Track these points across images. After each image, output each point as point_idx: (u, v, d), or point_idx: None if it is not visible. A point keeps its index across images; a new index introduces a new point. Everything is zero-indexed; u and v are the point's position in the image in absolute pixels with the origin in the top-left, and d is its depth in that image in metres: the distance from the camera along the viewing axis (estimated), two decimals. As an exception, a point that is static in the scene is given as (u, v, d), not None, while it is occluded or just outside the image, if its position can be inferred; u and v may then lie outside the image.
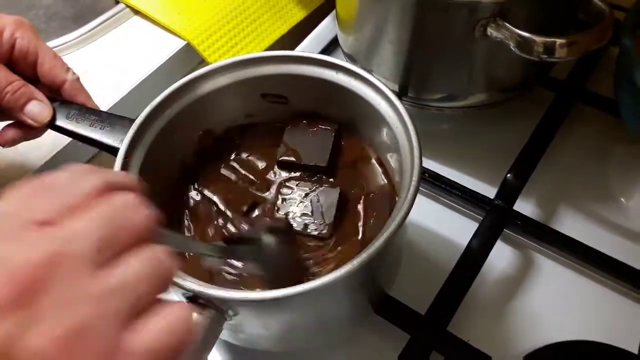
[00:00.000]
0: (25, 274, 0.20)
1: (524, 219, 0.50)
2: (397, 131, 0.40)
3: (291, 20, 0.73)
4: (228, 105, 0.47)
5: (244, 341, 0.42)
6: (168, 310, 0.23)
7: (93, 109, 0.46)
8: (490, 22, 0.44)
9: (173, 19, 0.67)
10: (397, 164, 0.41)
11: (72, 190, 0.24)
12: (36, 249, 0.21)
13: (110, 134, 0.43)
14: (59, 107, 0.45)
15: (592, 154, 0.56)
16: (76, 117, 0.45)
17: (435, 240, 0.51)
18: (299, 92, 0.46)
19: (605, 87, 0.57)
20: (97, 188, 0.24)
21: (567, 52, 0.43)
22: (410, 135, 0.39)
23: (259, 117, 0.49)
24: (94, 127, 0.44)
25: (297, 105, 0.48)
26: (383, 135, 0.43)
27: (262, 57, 0.45)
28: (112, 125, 0.43)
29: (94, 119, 0.44)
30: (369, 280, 0.40)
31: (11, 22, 0.45)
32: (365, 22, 0.52)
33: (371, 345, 0.45)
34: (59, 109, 0.45)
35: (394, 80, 0.53)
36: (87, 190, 0.24)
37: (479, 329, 0.45)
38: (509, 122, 0.58)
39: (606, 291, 0.47)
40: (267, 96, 0.47)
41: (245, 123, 0.49)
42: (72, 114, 0.45)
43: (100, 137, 0.43)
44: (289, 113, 0.48)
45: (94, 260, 0.22)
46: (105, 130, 0.43)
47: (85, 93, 0.47)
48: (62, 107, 0.45)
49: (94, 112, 0.45)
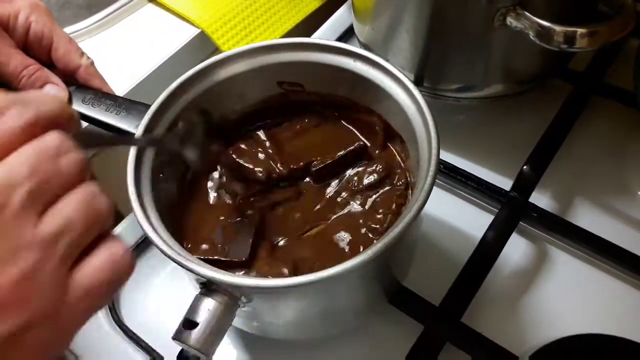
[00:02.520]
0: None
1: (539, 212, 0.49)
2: (414, 121, 0.40)
3: (306, 9, 0.72)
4: (243, 92, 0.46)
5: (256, 329, 0.43)
6: (108, 245, 0.25)
7: (109, 93, 0.46)
8: (510, 11, 0.44)
9: (187, 7, 0.67)
10: (415, 153, 0.40)
11: (1, 125, 0.23)
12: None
13: (126, 119, 0.43)
14: (75, 91, 0.45)
15: (609, 146, 0.56)
16: (92, 101, 0.45)
17: (451, 232, 0.50)
18: (315, 80, 0.46)
19: (624, 79, 0.56)
20: (27, 124, 0.24)
21: (587, 42, 0.42)
22: (428, 125, 0.38)
23: (274, 104, 0.48)
24: (110, 112, 0.44)
25: (313, 95, 0.47)
26: (401, 124, 0.43)
27: (278, 44, 0.44)
28: (128, 110, 0.43)
29: (110, 103, 0.44)
30: (383, 269, 0.40)
31: (26, 5, 0.45)
32: (382, 11, 0.52)
33: (385, 335, 0.45)
34: (74, 93, 0.45)
35: (410, 70, 0.53)
36: (18, 127, 0.23)
37: (493, 321, 0.45)
38: (526, 113, 0.58)
39: (621, 284, 0.47)
40: (284, 84, 0.47)
41: (260, 109, 0.48)
42: (88, 98, 0.45)
43: (116, 122, 0.43)
44: (304, 102, 0.48)
45: (32, 210, 0.23)
46: (121, 115, 0.43)
47: (100, 77, 0.47)
48: (78, 91, 0.45)
49: (110, 96, 0.45)
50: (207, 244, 0.41)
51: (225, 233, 0.41)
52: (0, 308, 0.22)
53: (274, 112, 0.48)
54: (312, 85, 0.47)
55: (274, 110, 0.48)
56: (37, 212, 0.23)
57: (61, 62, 0.46)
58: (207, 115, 0.42)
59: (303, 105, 0.48)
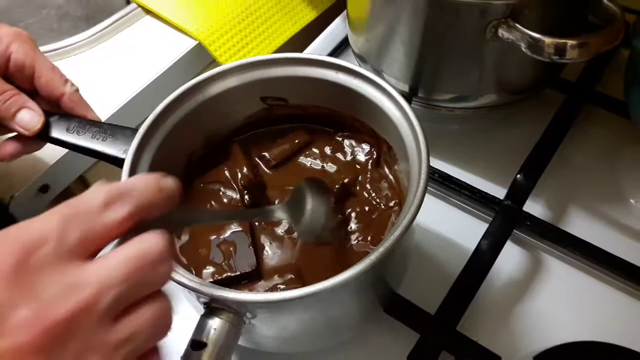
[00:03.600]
0: (53, 325, 0.22)
1: (533, 220, 0.50)
2: (402, 130, 0.40)
3: (302, 21, 0.73)
4: (227, 111, 0.47)
5: (255, 344, 0.42)
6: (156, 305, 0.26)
7: (94, 120, 0.46)
8: (502, 23, 0.44)
9: (184, 19, 0.68)
10: (405, 163, 0.41)
11: (103, 219, 0.25)
12: (64, 302, 0.23)
13: (113, 145, 0.42)
14: (58, 120, 0.45)
15: (602, 155, 0.56)
16: (77, 129, 0.44)
17: (445, 241, 0.51)
18: (299, 94, 0.47)
19: (616, 89, 0.57)
20: (129, 214, 0.26)
21: (578, 53, 0.43)
22: (416, 134, 0.39)
23: (259, 120, 0.49)
24: (96, 139, 0.43)
25: (298, 108, 0.48)
26: (390, 133, 0.43)
27: (261, 60, 0.45)
28: (115, 136, 0.43)
29: (96, 130, 0.44)
30: (378, 279, 0.40)
31: (9, 34, 0.45)
32: (377, 23, 0.53)
33: (381, 344, 0.45)
34: (58, 122, 0.45)
35: (405, 81, 0.53)
36: (119, 219, 0.25)
37: (489, 329, 0.45)
38: (519, 123, 0.58)
39: (616, 292, 0.47)
40: (267, 99, 0.47)
41: (245, 125, 0.49)
42: (73, 126, 0.44)
43: (103, 149, 0.43)
44: (291, 116, 0.48)
45: (111, 313, 0.24)
46: (108, 141, 0.43)
47: (85, 104, 0.46)
48: (62, 120, 0.45)
49: (95, 123, 0.45)
50: (211, 265, 0.41)
51: (222, 250, 0.41)
52: None
53: (259, 127, 0.49)
54: (296, 99, 0.47)
55: (259, 127, 0.49)
56: (115, 315, 0.24)
57: (44, 90, 0.45)
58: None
59: (288, 119, 0.49)
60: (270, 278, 0.41)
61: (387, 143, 0.45)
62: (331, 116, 0.47)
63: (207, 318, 0.33)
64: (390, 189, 0.45)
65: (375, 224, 0.43)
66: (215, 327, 0.33)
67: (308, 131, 0.49)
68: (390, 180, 0.45)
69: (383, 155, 0.46)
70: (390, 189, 0.45)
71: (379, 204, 0.44)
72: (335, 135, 0.49)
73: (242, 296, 0.33)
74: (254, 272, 0.41)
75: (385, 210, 0.44)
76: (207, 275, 0.40)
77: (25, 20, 0.82)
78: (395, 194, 0.45)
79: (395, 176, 0.45)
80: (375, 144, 0.47)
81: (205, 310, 0.34)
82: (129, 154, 0.40)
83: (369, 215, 0.44)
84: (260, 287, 0.41)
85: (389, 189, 0.45)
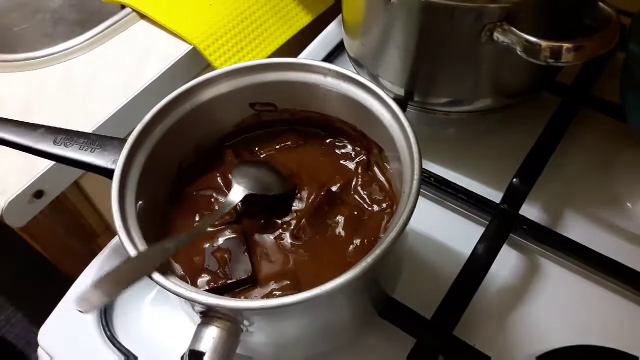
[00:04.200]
0: None
1: (530, 224, 0.50)
2: (393, 131, 0.40)
3: (297, 25, 0.73)
4: (219, 116, 0.46)
5: (251, 351, 0.42)
6: None
7: (80, 132, 0.45)
8: (497, 26, 0.44)
9: (179, 24, 0.68)
10: (397, 163, 0.41)
11: None
12: None
13: (102, 156, 0.42)
14: (45, 132, 0.44)
15: (598, 158, 0.56)
16: (64, 141, 0.43)
17: (441, 245, 0.51)
18: (288, 99, 0.46)
19: (612, 92, 0.57)
20: None
21: (573, 56, 0.43)
22: (407, 134, 0.38)
23: (249, 126, 0.49)
24: (84, 150, 0.42)
25: (287, 113, 0.48)
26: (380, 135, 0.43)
27: (249, 66, 0.44)
28: (103, 147, 0.42)
29: (83, 141, 0.43)
30: (372, 283, 0.40)
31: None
32: (372, 27, 0.53)
33: (377, 349, 0.45)
34: (45, 134, 0.44)
35: (401, 85, 0.53)
36: None
37: (485, 333, 0.45)
38: (515, 126, 0.58)
39: (612, 296, 0.47)
40: (256, 105, 0.47)
41: (235, 131, 0.49)
42: (60, 138, 0.43)
43: (91, 160, 0.42)
44: (280, 120, 0.48)
45: None
46: (96, 152, 0.42)
47: None
48: (49, 133, 0.44)
49: (82, 134, 0.44)
50: (206, 273, 0.41)
51: (217, 258, 0.41)
52: None
53: (248, 133, 0.49)
54: (285, 104, 0.47)
55: (249, 132, 0.49)
56: None
57: None
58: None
59: (278, 124, 0.49)
60: (266, 284, 0.40)
61: (377, 145, 0.44)
62: (320, 120, 0.47)
63: (205, 327, 0.33)
64: (382, 191, 0.45)
65: (368, 227, 0.43)
66: (214, 336, 0.32)
67: (299, 134, 0.49)
68: (382, 183, 0.45)
69: (374, 158, 0.46)
70: (382, 191, 0.45)
71: (371, 207, 0.44)
72: (326, 138, 0.49)
73: (239, 304, 0.32)
74: (249, 279, 0.40)
75: (377, 213, 0.44)
76: (203, 284, 0.40)
77: (20, 25, 0.82)
78: (388, 196, 0.44)
79: (387, 179, 0.45)
80: (365, 147, 0.46)
81: (202, 320, 0.34)
82: (118, 164, 0.39)
83: (361, 219, 0.44)
84: (257, 294, 0.40)
85: (381, 191, 0.45)
